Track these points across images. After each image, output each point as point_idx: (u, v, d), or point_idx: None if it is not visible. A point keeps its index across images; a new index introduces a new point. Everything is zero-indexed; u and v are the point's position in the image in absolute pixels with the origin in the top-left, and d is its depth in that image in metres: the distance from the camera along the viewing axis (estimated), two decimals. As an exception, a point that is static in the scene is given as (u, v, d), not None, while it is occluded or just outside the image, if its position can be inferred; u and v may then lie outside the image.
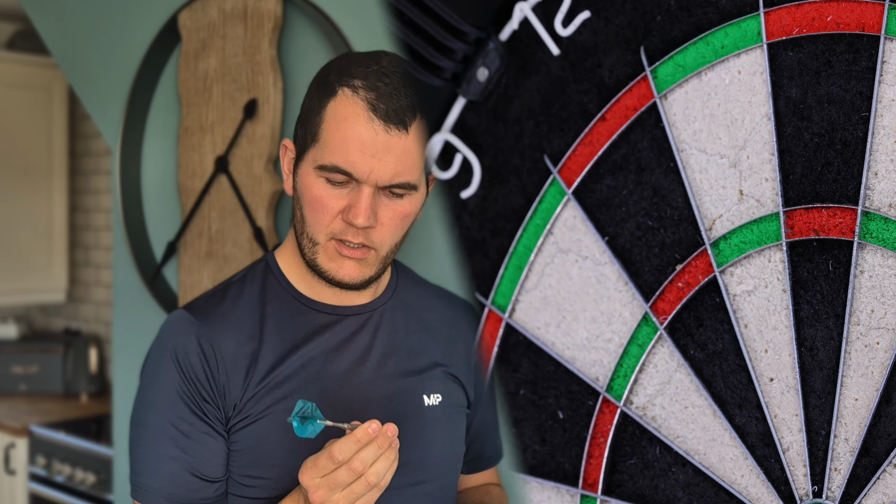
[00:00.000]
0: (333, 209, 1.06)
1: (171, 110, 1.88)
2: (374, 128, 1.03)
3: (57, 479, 2.92)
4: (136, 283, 1.95)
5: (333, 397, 1.12)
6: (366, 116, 1.03)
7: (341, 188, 1.06)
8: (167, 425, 1.07)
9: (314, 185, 1.07)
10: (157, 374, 1.09)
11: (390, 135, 1.03)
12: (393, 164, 1.04)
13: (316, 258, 1.10)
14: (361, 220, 1.04)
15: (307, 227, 1.09)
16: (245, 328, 1.11)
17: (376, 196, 1.06)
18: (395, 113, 1.04)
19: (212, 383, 1.08)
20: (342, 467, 0.96)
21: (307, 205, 1.08)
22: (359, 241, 1.07)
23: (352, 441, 0.96)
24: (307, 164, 1.08)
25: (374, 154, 1.03)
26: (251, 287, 1.16)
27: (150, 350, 1.12)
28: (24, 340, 3.58)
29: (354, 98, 1.04)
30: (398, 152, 1.04)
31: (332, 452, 0.96)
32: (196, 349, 1.08)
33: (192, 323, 1.10)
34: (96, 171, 3.70)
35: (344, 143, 1.04)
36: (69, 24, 2.09)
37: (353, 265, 1.09)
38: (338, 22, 1.56)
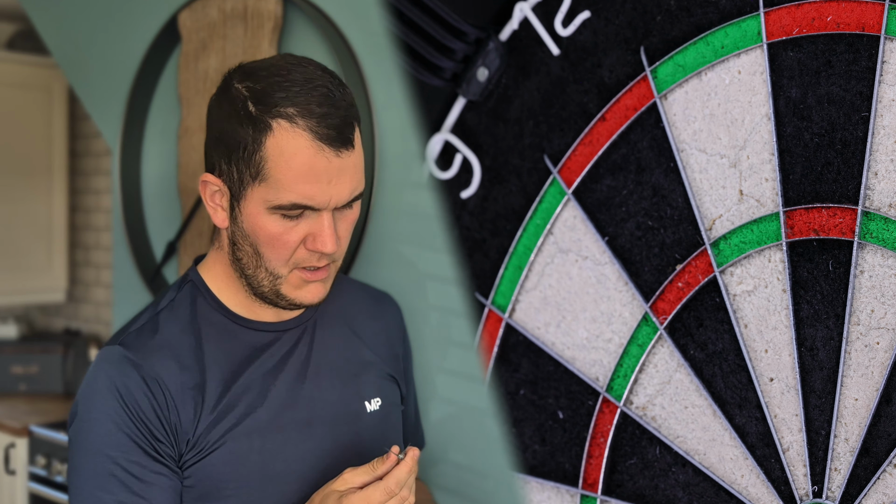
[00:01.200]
0: (294, 242, 1.03)
1: (171, 110, 1.88)
2: (326, 156, 0.99)
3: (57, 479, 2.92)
4: (136, 283, 1.95)
5: (280, 417, 1.10)
6: (314, 147, 0.99)
7: (298, 220, 1.02)
8: (117, 469, 1.01)
9: (269, 223, 1.02)
10: (100, 417, 1.03)
11: (341, 157, 1.00)
12: (348, 184, 1.02)
13: (279, 289, 1.07)
14: (329, 247, 1.02)
15: (265, 263, 1.05)
16: (185, 358, 1.07)
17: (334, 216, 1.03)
18: (340, 133, 1.00)
19: (163, 422, 1.03)
20: (395, 499, 0.98)
21: (264, 243, 1.04)
22: (324, 263, 1.06)
23: (405, 471, 0.98)
24: (255, 204, 1.02)
25: (330, 181, 1.00)
26: (181, 311, 1.11)
27: (82, 391, 1.05)
28: (24, 340, 3.58)
29: (294, 129, 0.99)
30: (351, 170, 1.02)
31: (389, 486, 0.97)
32: (141, 388, 1.03)
33: (130, 361, 1.04)
34: (96, 171, 3.70)
35: (298, 180, 0.99)
36: (69, 24, 2.09)
37: (318, 286, 1.08)
38: (338, 22, 1.56)
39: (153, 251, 1.93)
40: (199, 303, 1.12)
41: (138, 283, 1.95)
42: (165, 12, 1.85)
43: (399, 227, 1.50)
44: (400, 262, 1.50)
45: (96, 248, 3.73)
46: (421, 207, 1.48)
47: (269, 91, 1.00)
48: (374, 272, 1.50)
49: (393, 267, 1.50)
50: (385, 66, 1.49)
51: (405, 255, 1.49)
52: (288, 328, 1.15)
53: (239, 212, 1.04)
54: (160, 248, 1.91)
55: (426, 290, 1.45)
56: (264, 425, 1.09)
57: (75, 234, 3.78)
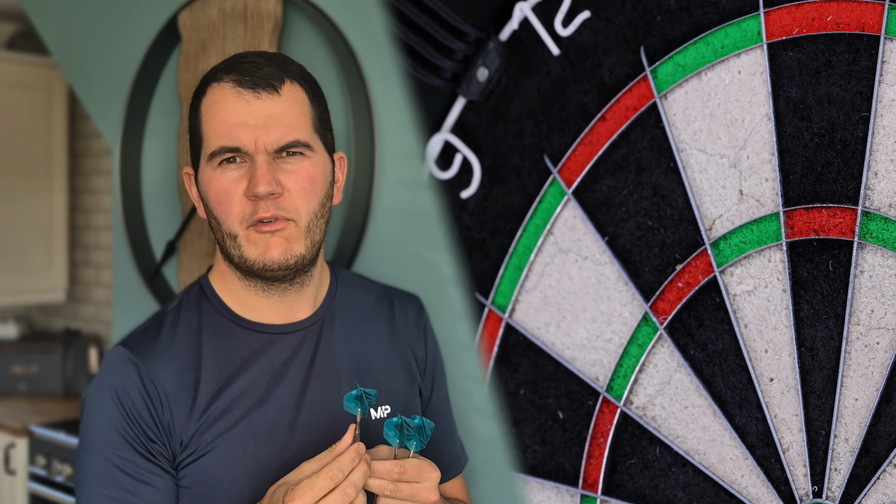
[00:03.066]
0: (237, 192, 1.06)
1: (171, 110, 1.88)
2: (245, 98, 1.06)
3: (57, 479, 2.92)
4: (136, 283, 1.95)
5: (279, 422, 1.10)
6: (234, 93, 1.06)
7: (238, 170, 1.06)
8: (111, 467, 1.04)
9: (213, 179, 1.07)
10: (99, 416, 1.06)
11: (262, 99, 1.06)
12: (275, 126, 1.05)
13: (242, 252, 1.08)
14: (262, 186, 1.04)
15: (222, 226, 1.08)
16: (183, 360, 1.09)
17: (273, 164, 1.06)
18: (262, 79, 1.06)
19: (157, 422, 1.06)
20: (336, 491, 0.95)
21: (214, 204, 1.08)
22: (271, 213, 1.05)
23: (348, 460, 0.95)
24: (203, 169, 1.09)
25: (255, 124, 1.05)
26: (186, 314, 1.13)
27: (90, 390, 1.09)
28: (24, 340, 3.58)
29: (220, 86, 1.07)
30: (277, 114, 1.06)
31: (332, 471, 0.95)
32: (138, 388, 1.06)
33: (131, 361, 1.07)
34: (96, 171, 3.70)
35: (223, 123, 1.06)
36: (69, 24, 2.09)
37: (278, 242, 1.07)
38: (338, 22, 1.56)
39: (153, 251, 1.93)
40: (205, 306, 1.14)
41: (138, 283, 1.95)
42: (165, 12, 1.85)
43: (399, 227, 1.50)
44: (400, 262, 1.50)
45: (96, 248, 3.73)
46: (421, 207, 1.47)
47: (209, 72, 1.11)
48: (373, 272, 1.50)
49: (393, 267, 1.50)
50: (385, 66, 1.49)
51: (405, 255, 1.49)
52: (290, 331, 1.14)
53: (200, 188, 1.10)
54: (160, 248, 1.91)
55: (426, 290, 1.45)
56: (263, 430, 1.08)
57: (75, 234, 3.78)
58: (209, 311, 1.13)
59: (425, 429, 1.01)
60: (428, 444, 1.24)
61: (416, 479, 1.00)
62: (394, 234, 1.51)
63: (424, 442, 1.01)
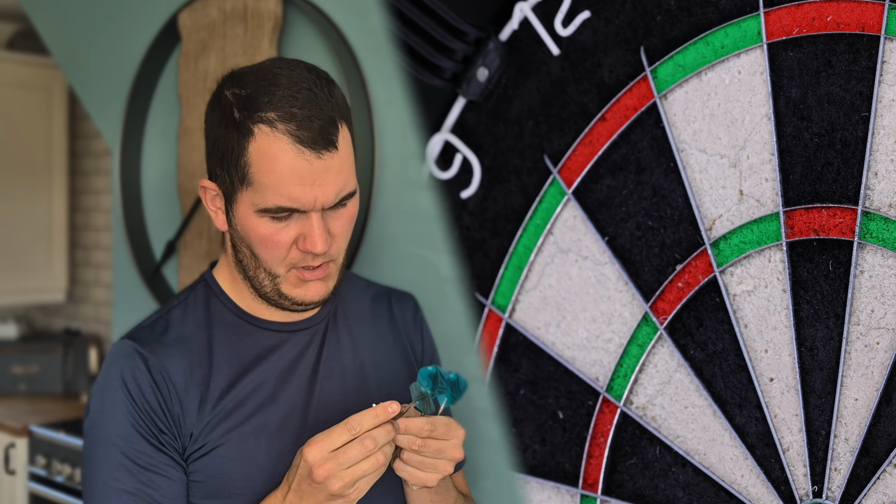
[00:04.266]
0: (286, 243, 1.04)
1: (171, 110, 1.88)
2: (306, 158, 1.00)
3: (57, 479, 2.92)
4: (136, 283, 1.95)
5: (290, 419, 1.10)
6: (294, 150, 1.00)
7: (288, 220, 1.03)
8: (124, 459, 1.04)
9: (260, 226, 1.04)
10: (110, 409, 1.06)
11: (323, 159, 1.01)
12: (333, 184, 1.02)
13: (280, 289, 1.08)
14: (320, 247, 1.03)
15: (263, 264, 1.07)
16: (193, 354, 1.09)
17: (324, 216, 1.04)
18: (322, 135, 1.00)
19: (167, 413, 1.05)
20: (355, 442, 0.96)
21: (258, 245, 1.05)
22: (319, 262, 1.06)
23: (371, 416, 0.97)
24: (245, 207, 1.04)
25: (314, 182, 1.01)
26: (194, 310, 1.13)
27: (96, 385, 1.09)
28: (24, 340, 3.58)
29: (275, 134, 1.00)
30: (336, 170, 1.02)
31: (350, 423, 0.96)
32: (147, 380, 1.05)
33: (139, 353, 1.07)
34: (96, 171, 3.70)
35: (281, 183, 1.00)
36: (69, 24, 2.09)
37: (319, 285, 1.08)
38: (338, 22, 1.56)
39: (153, 251, 1.93)
40: (213, 302, 1.14)
41: (138, 283, 1.95)
42: (165, 12, 1.85)
43: (399, 227, 1.50)
44: (400, 262, 1.50)
45: (96, 248, 3.73)
46: (421, 207, 1.48)
47: (252, 96, 1.02)
48: (373, 272, 1.50)
49: (393, 267, 1.50)
50: (385, 66, 1.49)
51: (405, 255, 1.49)
52: (299, 329, 1.15)
53: (233, 215, 1.07)
54: (160, 248, 1.91)
55: (426, 290, 1.45)
56: (273, 426, 1.09)
57: (75, 234, 3.78)
58: (218, 308, 1.14)
59: (459, 385, 1.00)
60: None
61: (445, 436, 1.01)
62: (394, 234, 1.51)
63: (457, 398, 1.01)
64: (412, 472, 1.03)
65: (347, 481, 0.97)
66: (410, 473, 1.03)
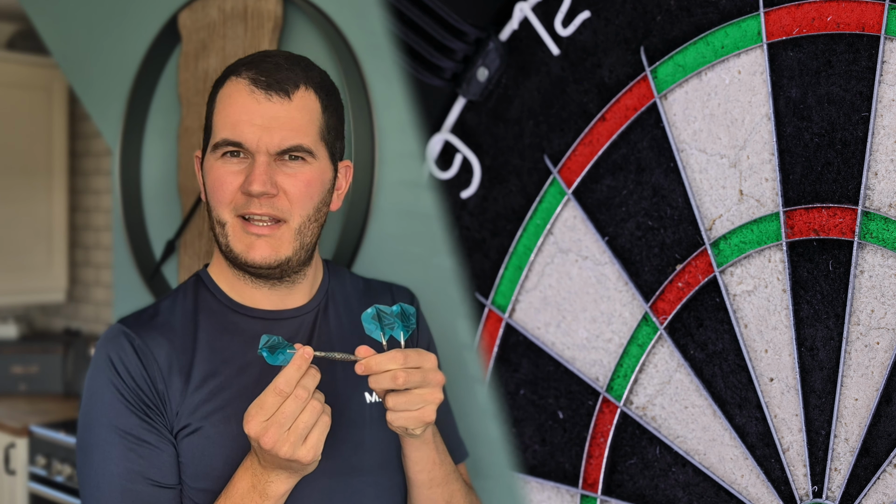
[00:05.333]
0: (232, 184, 1.08)
1: (171, 110, 1.88)
2: (256, 98, 1.08)
3: (57, 479, 2.92)
4: (136, 283, 1.95)
5: None
6: (248, 90, 1.08)
7: (239, 164, 1.08)
8: (117, 435, 1.06)
9: (213, 167, 1.10)
10: (100, 390, 1.08)
11: (272, 101, 1.07)
12: (279, 129, 1.07)
13: (228, 241, 1.10)
14: (257, 185, 1.06)
15: (213, 212, 1.11)
16: (178, 340, 1.12)
17: (273, 165, 1.08)
18: (277, 82, 1.08)
19: (153, 389, 1.08)
20: (288, 399, 0.95)
21: (211, 191, 1.11)
22: (263, 211, 1.08)
23: (293, 369, 0.96)
24: (208, 154, 1.11)
25: (261, 123, 1.07)
26: (183, 300, 1.16)
27: (88, 373, 1.11)
28: (24, 340, 3.58)
29: (238, 80, 1.10)
30: (283, 117, 1.08)
31: (278, 385, 0.95)
32: (134, 359, 1.08)
33: (125, 334, 1.10)
34: (96, 171, 3.70)
35: (230, 117, 1.08)
36: (69, 24, 2.09)
37: (265, 244, 1.09)
38: (338, 22, 1.56)
39: (153, 251, 1.93)
40: (202, 292, 1.17)
41: (138, 283, 1.95)
42: (165, 12, 1.85)
43: (399, 227, 1.50)
44: (400, 262, 1.50)
45: (96, 248, 3.73)
46: (421, 207, 1.48)
47: (234, 63, 1.13)
48: (373, 272, 1.50)
49: (393, 267, 1.50)
50: (385, 66, 1.49)
51: (405, 255, 1.49)
52: (287, 317, 1.16)
53: (205, 173, 1.13)
54: (160, 248, 1.91)
55: (426, 290, 1.44)
56: None
57: (75, 234, 3.78)
58: (206, 297, 1.16)
59: (405, 313, 0.97)
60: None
61: (419, 363, 0.98)
62: (394, 234, 1.51)
63: (411, 326, 0.97)
64: (406, 416, 0.99)
65: (294, 440, 0.96)
66: (406, 418, 0.99)
